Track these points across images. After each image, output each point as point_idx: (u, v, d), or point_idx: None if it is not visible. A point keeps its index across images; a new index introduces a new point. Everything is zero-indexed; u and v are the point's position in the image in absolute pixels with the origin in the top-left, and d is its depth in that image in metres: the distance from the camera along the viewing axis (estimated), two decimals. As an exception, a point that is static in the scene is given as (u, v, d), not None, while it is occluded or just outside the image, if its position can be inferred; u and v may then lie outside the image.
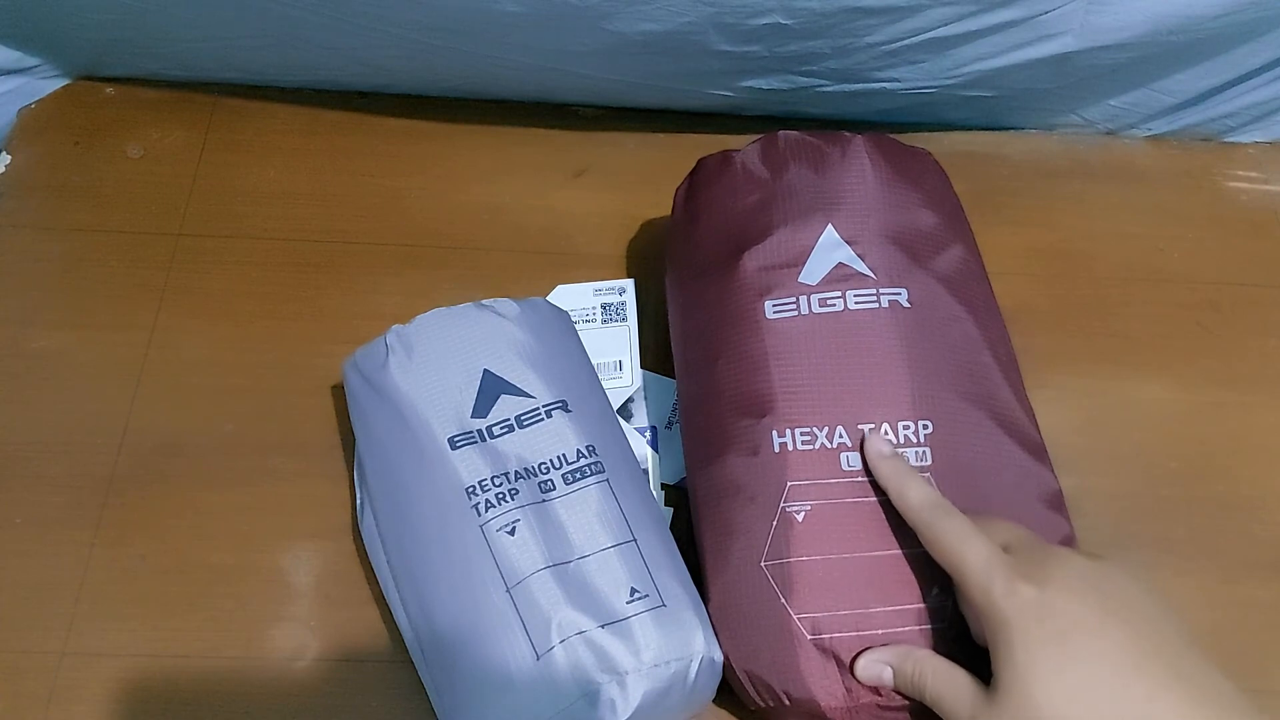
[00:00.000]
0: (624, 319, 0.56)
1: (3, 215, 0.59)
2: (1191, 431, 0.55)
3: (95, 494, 0.50)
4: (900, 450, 0.44)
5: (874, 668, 0.41)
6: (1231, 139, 0.66)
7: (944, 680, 0.39)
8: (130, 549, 0.49)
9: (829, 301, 0.46)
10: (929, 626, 0.41)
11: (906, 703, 0.41)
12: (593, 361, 0.51)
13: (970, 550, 0.38)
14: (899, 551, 0.42)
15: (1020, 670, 0.35)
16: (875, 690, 0.41)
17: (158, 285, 0.57)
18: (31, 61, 0.61)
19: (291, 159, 0.62)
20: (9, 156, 0.61)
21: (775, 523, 0.43)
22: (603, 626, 0.41)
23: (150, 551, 0.49)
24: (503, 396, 0.46)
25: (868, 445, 0.43)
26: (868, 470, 0.43)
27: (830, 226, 0.47)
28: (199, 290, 0.57)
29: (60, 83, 0.64)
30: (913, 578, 0.42)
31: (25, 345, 0.54)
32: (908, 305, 0.46)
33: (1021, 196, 0.63)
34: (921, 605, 0.42)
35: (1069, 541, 0.45)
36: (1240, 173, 0.65)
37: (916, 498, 0.41)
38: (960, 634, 0.41)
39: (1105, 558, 0.38)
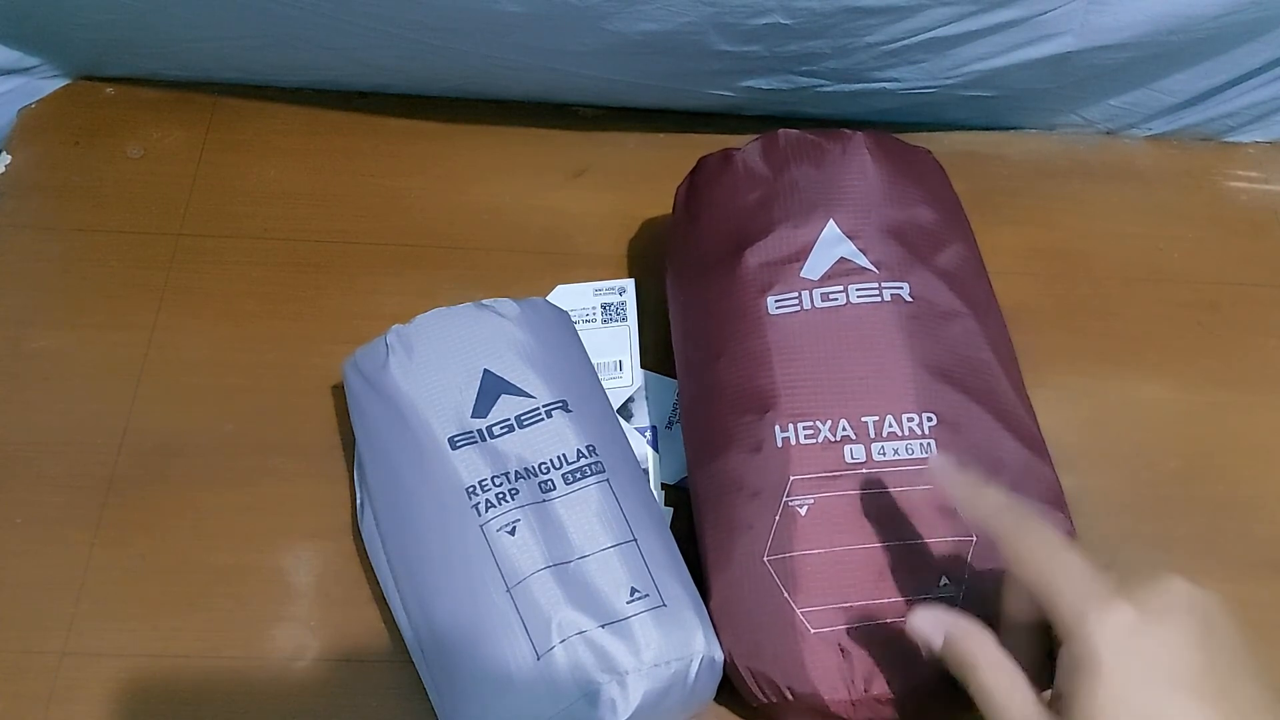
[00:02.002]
0: (624, 319, 0.56)
1: (3, 215, 0.59)
2: (1191, 431, 0.55)
3: (95, 494, 0.50)
4: (906, 443, 0.44)
5: (928, 627, 0.37)
6: (1231, 139, 0.66)
7: (1001, 678, 0.34)
8: (130, 549, 0.49)
9: (831, 296, 0.46)
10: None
11: (910, 695, 0.41)
12: (593, 361, 0.51)
13: (1066, 565, 0.34)
14: (904, 543, 0.42)
15: (1103, 705, 0.32)
16: (885, 679, 0.40)
17: (158, 285, 0.57)
18: (31, 61, 0.61)
19: (291, 159, 0.62)
20: (9, 156, 0.61)
21: (778, 517, 0.43)
22: (603, 626, 0.41)
23: (150, 551, 0.49)
24: (503, 396, 0.46)
25: (932, 463, 0.41)
26: (871, 463, 0.43)
27: (832, 222, 0.48)
28: (199, 290, 0.57)
29: (60, 83, 0.64)
30: (919, 569, 0.42)
31: (25, 345, 0.54)
32: (910, 299, 0.46)
33: (1021, 196, 0.63)
34: (929, 597, 0.42)
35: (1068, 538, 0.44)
36: (1240, 173, 0.65)
37: (992, 503, 0.37)
38: None
39: (1208, 589, 0.34)
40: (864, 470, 0.44)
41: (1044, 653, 0.37)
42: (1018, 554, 0.36)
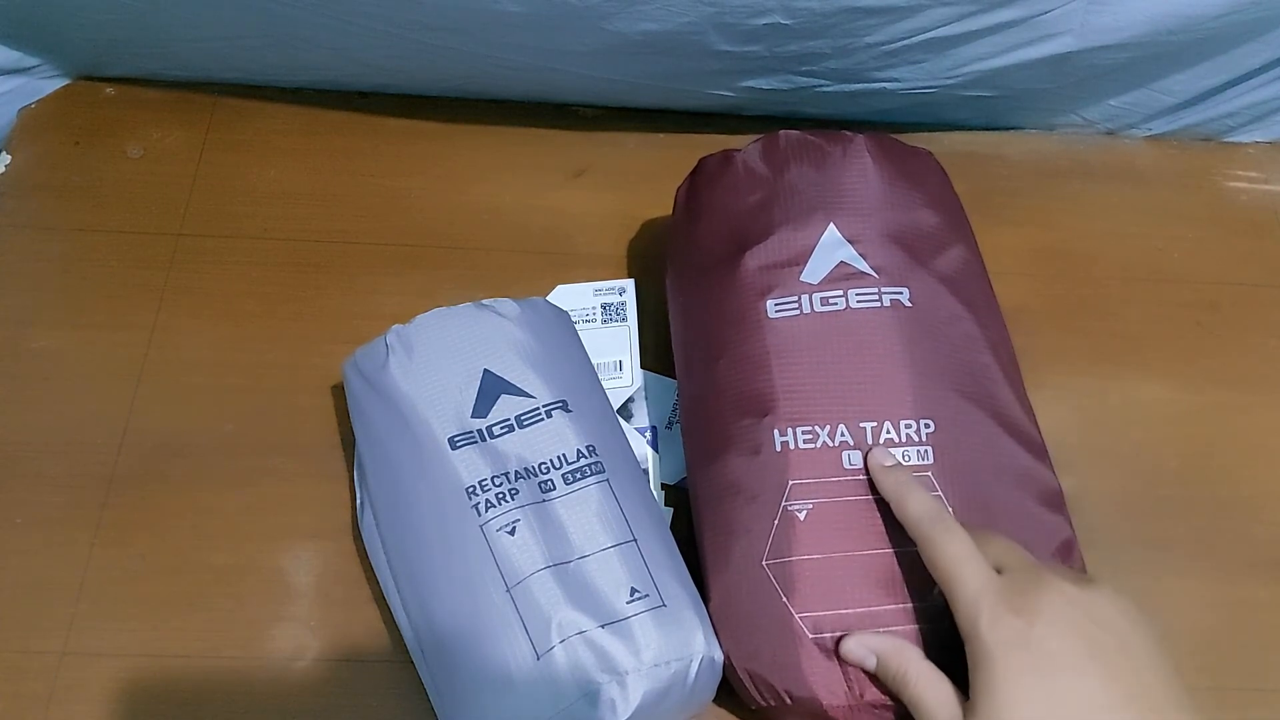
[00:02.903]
0: (624, 319, 0.56)
1: (3, 215, 0.59)
2: (1191, 431, 0.55)
3: (95, 494, 0.50)
4: (902, 449, 0.44)
5: (859, 651, 0.41)
6: (1231, 139, 0.66)
7: (927, 686, 0.39)
8: (130, 549, 0.49)
9: (831, 300, 0.46)
10: (932, 625, 0.41)
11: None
12: (593, 361, 0.51)
13: (964, 574, 0.38)
14: (902, 549, 0.42)
15: (998, 704, 0.36)
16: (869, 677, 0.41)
17: (158, 285, 0.57)
18: (31, 61, 0.61)
19: (291, 159, 0.62)
20: (9, 156, 0.61)
21: (777, 522, 0.43)
22: (603, 626, 0.41)
23: (150, 551, 0.49)
24: (503, 396, 0.46)
25: (870, 457, 0.43)
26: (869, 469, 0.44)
27: (832, 225, 0.47)
28: (199, 290, 0.57)
29: (60, 83, 0.64)
30: (916, 576, 0.42)
31: (25, 345, 0.54)
32: (909, 304, 0.46)
33: (1021, 196, 0.63)
34: (924, 603, 0.42)
35: (1069, 544, 0.45)
36: (1240, 173, 0.65)
37: (916, 510, 0.41)
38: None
39: (1097, 584, 0.38)
40: (862, 476, 0.44)
41: None
42: (930, 560, 0.40)
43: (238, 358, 0.55)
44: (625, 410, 0.53)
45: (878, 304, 0.46)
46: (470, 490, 0.43)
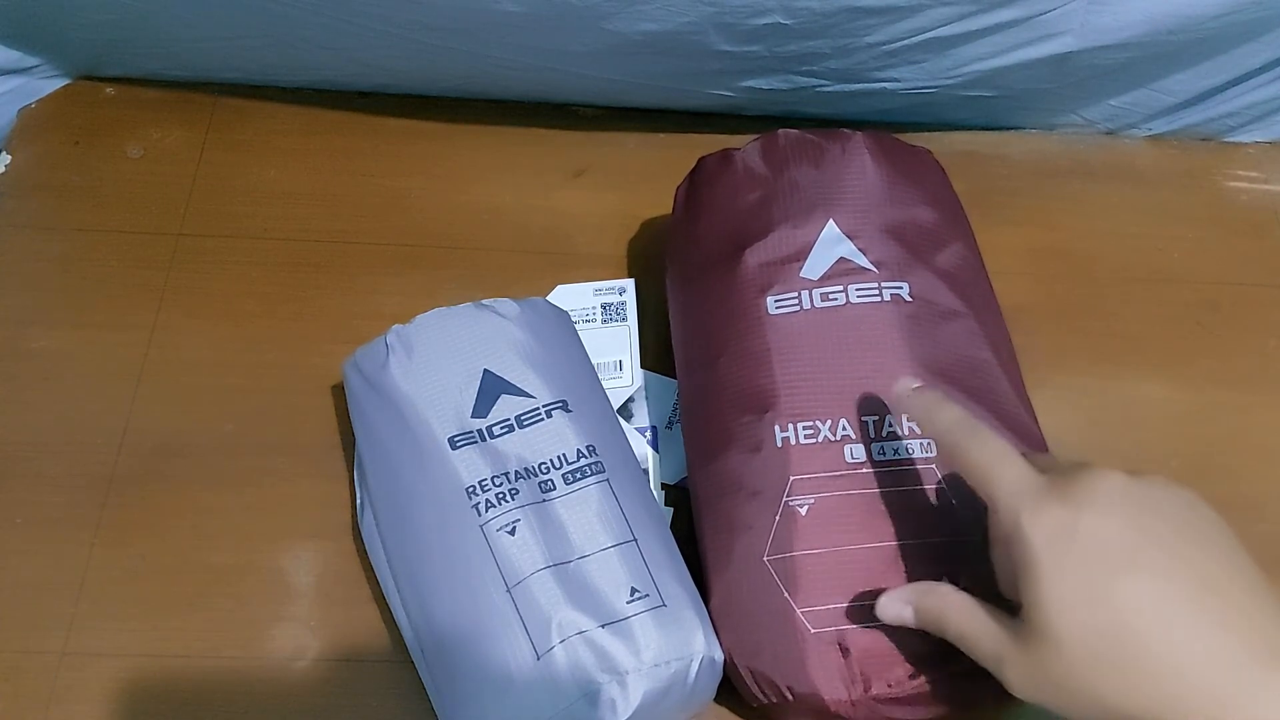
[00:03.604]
0: (624, 319, 0.56)
1: (3, 215, 0.59)
2: (1191, 431, 0.55)
3: (95, 494, 0.50)
4: (905, 442, 0.44)
5: (893, 607, 0.39)
6: (1231, 139, 0.66)
7: (968, 616, 0.36)
8: (130, 549, 0.49)
9: (831, 296, 0.46)
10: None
11: (909, 695, 0.41)
12: (593, 361, 0.51)
13: (1002, 471, 0.35)
14: (904, 543, 0.42)
15: (1048, 605, 0.33)
16: (885, 679, 0.40)
17: (158, 285, 0.57)
18: (31, 61, 0.61)
19: (291, 159, 0.62)
20: (9, 156, 0.61)
21: (778, 517, 0.43)
22: (603, 626, 0.41)
23: (150, 551, 0.49)
24: (503, 396, 0.46)
25: (898, 384, 0.41)
26: (871, 462, 0.43)
27: (831, 222, 0.48)
28: (199, 290, 0.57)
29: (60, 83, 0.64)
30: (919, 569, 0.42)
31: (25, 345, 0.54)
32: (909, 299, 0.46)
33: (1021, 196, 0.63)
34: None
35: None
36: (1240, 173, 0.65)
37: (946, 419, 0.38)
38: None
39: (1151, 474, 0.35)
40: (864, 470, 0.44)
41: None
42: (966, 464, 0.37)
43: (238, 358, 0.55)
44: (625, 410, 0.53)
45: (878, 299, 0.46)
46: (470, 490, 0.43)
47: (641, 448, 0.52)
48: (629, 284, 0.57)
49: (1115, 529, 0.33)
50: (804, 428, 0.44)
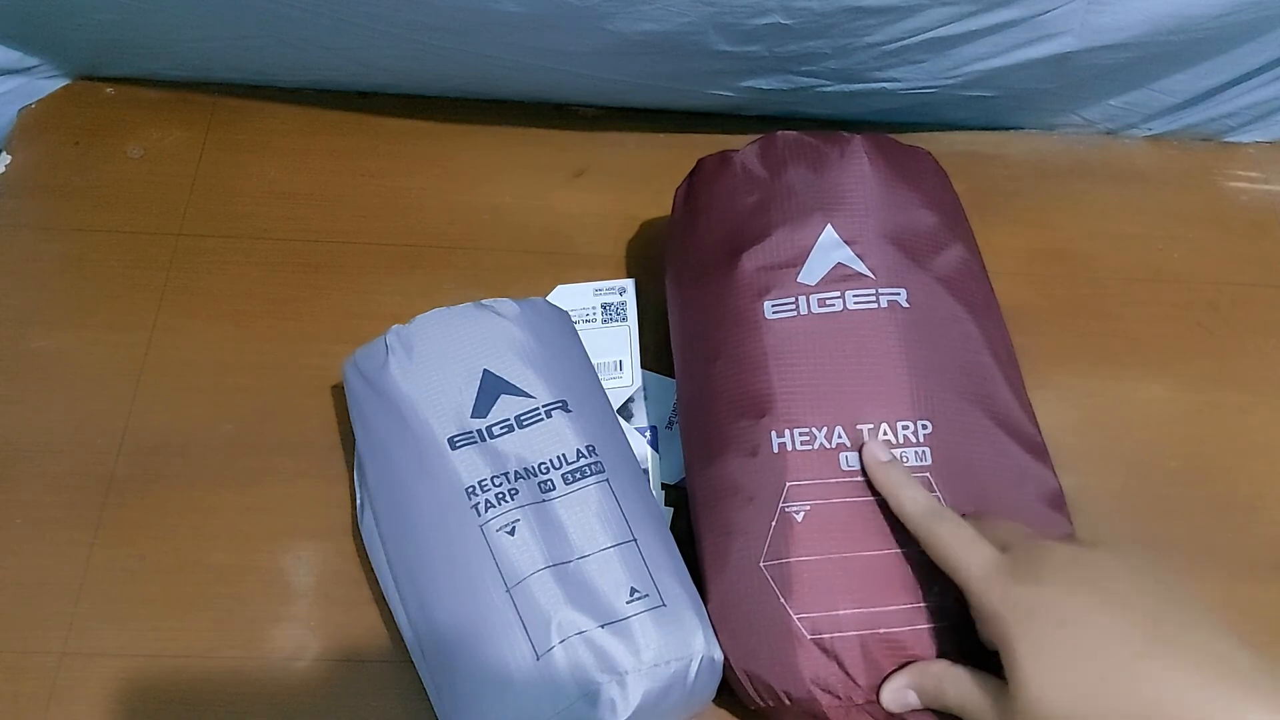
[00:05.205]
0: (624, 319, 0.56)
1: (3, 215, 0.59)
2: (1191, 431, 0.55)
3: (95, 494, 0.50)
4: (900, 450, 0.44)
5: (899, 694, 0.41)
6: (1231, 139, 0.66)
7: (964, 687, 0.39)
8: (130, 549, 0.49)
9: (828, 301, 0.46)
10: (930, 625, 0.41)
11: None
12: (593, 361, 0.51)
13: (971, 557, 0.39)
14: (899, 550, 0.42)
15: (1026, 670, 0.35)
16: (879, 686, 0.41)
17: (158, 285, 0.57)
18: (31, 61, 0.61)
19: (291, 159, 0.62)
20: (9, 156, 0.61)
21: (774, 523, 0.43)
22: (603, 626, 0.41)
23: (150, 551, 0.49)
24: (503, 396, 0.46)
25: (865, 451, 0.44)
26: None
27: (829, 226, 0.47)
28: (199, 290, 0.57)
29: (60, 83, 0.64)
30: (913, 576, 0.42)
31: (25, 345, 0.54)
32: (907, 305, 0.46)
33: (1021, 196, 0.63)
34: (922, 604, 0.42)
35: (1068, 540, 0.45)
36: (1240, 173, 0.65)
37: (913, 506, 0.41)
38: (963, 630, 0.41)
39: (1099, 544, 0.38)
40: (860, 478, 0.44)
41: None
42: (935, 551, 0.40)
43: (238, 358, 0.55)
44: (625, 410, 0.53)
45: (875, 305, 0.46)
46: (470, 490, 0.43)
47: (641, 448, 0.52)
48: (629, 284, 0.57)
49: (1073, 598, 0.36)
50: (800, 434, 0.44)
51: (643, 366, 0.55)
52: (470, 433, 0.45)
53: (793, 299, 0.46)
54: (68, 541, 0.49)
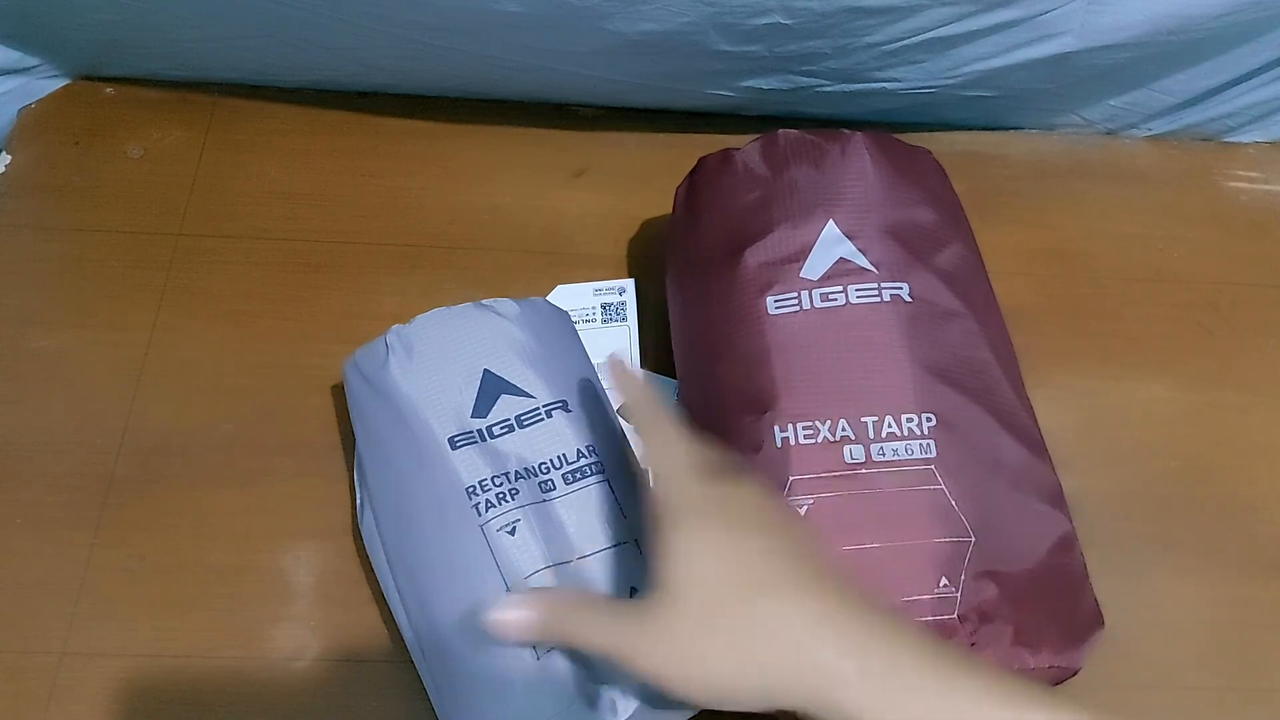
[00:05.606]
0: (624, 319, 0.56)
1: (3, 215, 0.59)
2: (1191, 431, 0.55)
3: (95, 494, 0.50)
4: (905, 443, 0.44)
5: (513, 629, 0.38)
6: (1231, 139, 0.66)
7: (586, 611, 0.37)
8: (130, 549, 0.49)
9: (830, 296, 0.46)
10: (936, 618, 0.41)
11: None
12: (593, 361, 0.51)
13: (674, 448, 0.39)
14: (903, 544, 0.42)
15: (674, 554, 0.35)
16: None
17: (158, 285, 0.57)
18: (31, 61, 0.61)
19: (291, 159, 0.62)
20: (9, 156, 0.61)
21: (778, 518, 0.43)
22: (603, 626, 0.41)
23: (150, 551, 0.49)
24: (503, 396, 0.46)
25: (609, 358, 0.43)
26: (871, 463, 0.43)
27: (831, 222, 0.48)
28: (199, 290, 0.57)
29: (60, 83, 0.64)
30: (917, 570, 0.42)
31: (25, 345, 0.54)
32: (909, 300, 0.46)
33: (1021, 196, 0.63)
34: (928, 596, 0.42)
35: (1068, 538, 0.45)
36: (1240, 173, 0.65)
37: (638, 397, 0.42)
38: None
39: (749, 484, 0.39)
40: (863, 471, 0.44)
41: None
42: (643, 442, 0.40)
43: (238, 358, 0.55)
44: (625, 410, 0.53)
45: (877, 299, 0.46)
46: (470, 490, 0.43)
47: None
48: (629, 284, 0.57)
49: (749, 522, 0.37)
50: (803, 428, 0.44)
51: (643, 366, 0.55)
52: (470, 432, 0.45)
53: (795, 294, 0.46)
54: (68, 541, 0.49)
